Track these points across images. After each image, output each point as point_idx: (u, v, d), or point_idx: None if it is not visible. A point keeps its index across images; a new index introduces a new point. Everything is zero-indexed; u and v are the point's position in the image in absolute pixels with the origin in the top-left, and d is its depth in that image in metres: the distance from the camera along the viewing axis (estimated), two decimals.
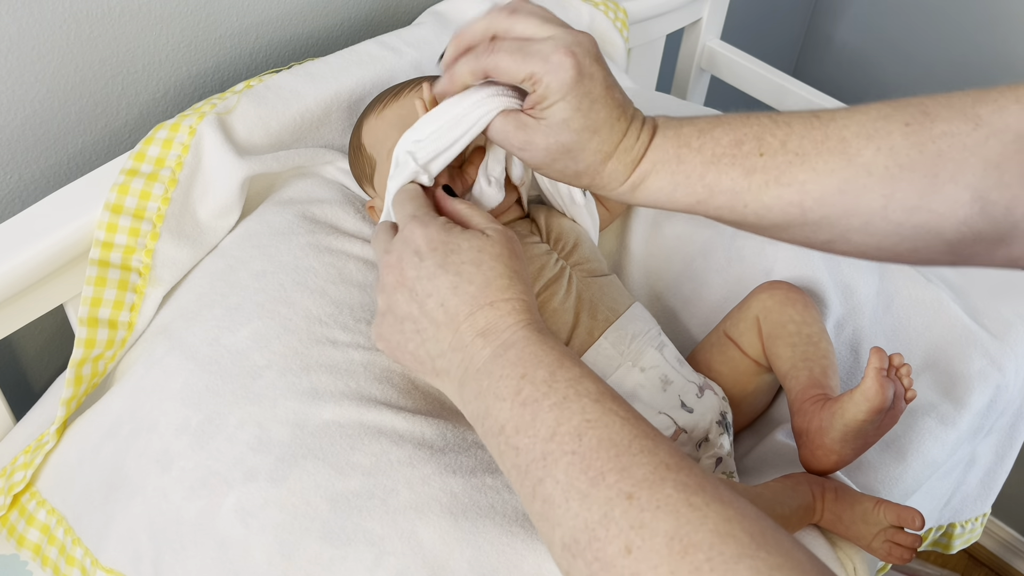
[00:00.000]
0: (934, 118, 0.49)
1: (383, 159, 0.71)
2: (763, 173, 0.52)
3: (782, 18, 1.62)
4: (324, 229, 0.72)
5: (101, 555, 0.64)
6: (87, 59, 0.75)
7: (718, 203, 0.54)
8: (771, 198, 0.52)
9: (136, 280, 0.70)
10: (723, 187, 0.53)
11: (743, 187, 0.53)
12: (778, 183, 0.52)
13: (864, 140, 0.50)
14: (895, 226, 0.50)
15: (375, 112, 0.72)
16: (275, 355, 0.63)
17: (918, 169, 0.49)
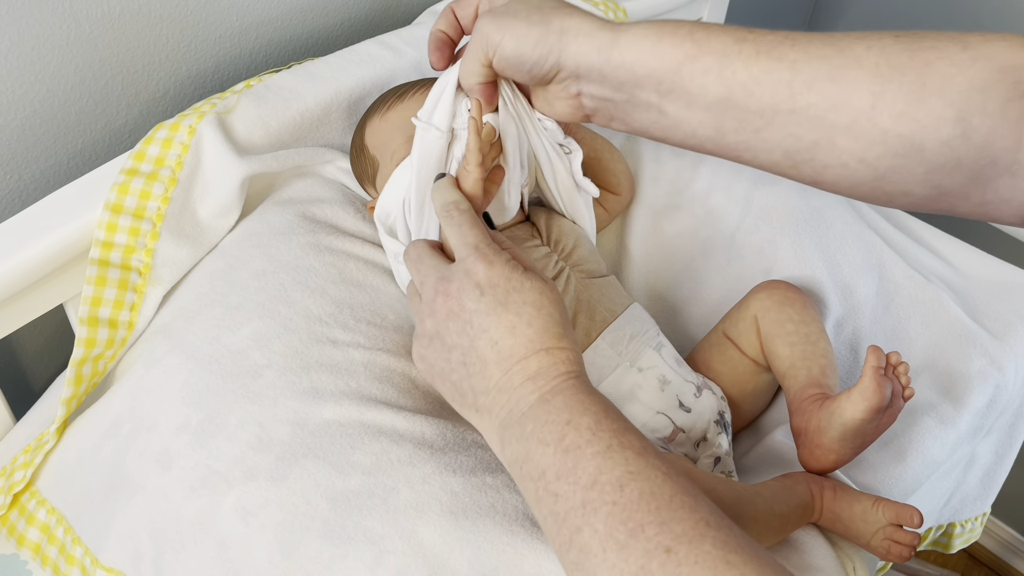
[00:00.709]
0: (923, 36, 0.49)
1: (386, 161, 0.71)
2: (754, 44, 0.51)
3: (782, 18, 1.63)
4: (324, 229, 0.72)
5: (101, 554, 0.64)
6: (87, 59, 0.76)
7: (706, 64, 0.51)
8: (761, 70, 0.50)
9: (136, 279, 0.70)
10: (712, 47, 0.51)
11: (733, 52, 0.51)
12: (769, 56, 0.50)
13: (855, 39, 0.50)
14: (881, 132, 0.49)
15: (379, 113, 0.72)
16: (275, 354, 0.63)
17: (907, 73, 0.48)
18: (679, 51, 0.52)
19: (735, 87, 0.51)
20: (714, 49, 0.51)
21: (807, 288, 0.78)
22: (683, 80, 0.53)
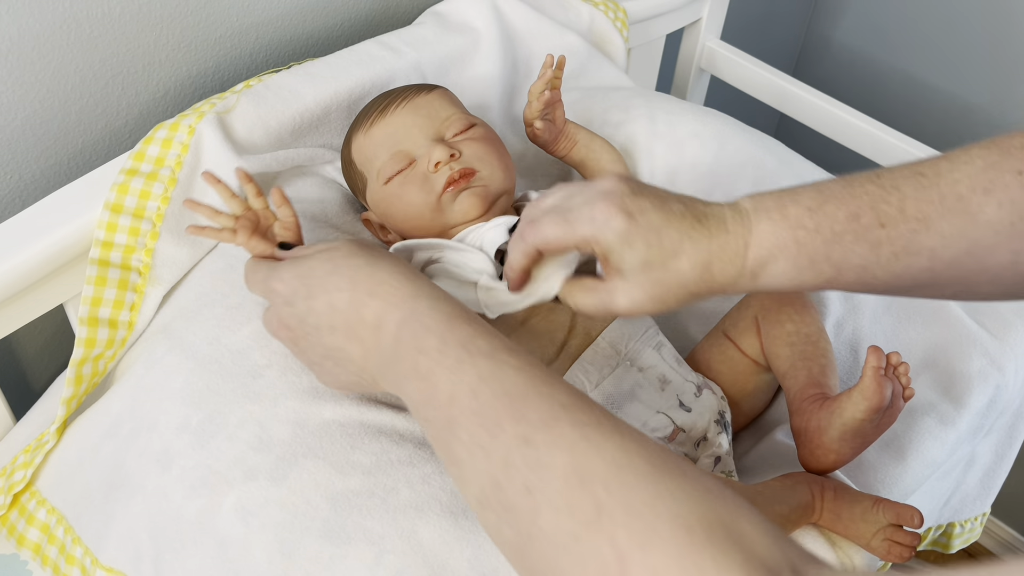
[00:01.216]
0: None
1: (373, 178, 0.71)
2: (890, 245, 0.51)
3: (782, 18, 1.62)
4: (323, 228, 0.72)
5: (101, 554, 0.64)
6: (87, 59, 0.76)
7: (847, 280, 0.52)
8: (902, 268, 0.51)
9: (136, 279, 0.70)
10: (851, 264, 0.51)
11: (872, 261, 0.51)
12: (907, 253, 0.51)
13: (982, 195, 0.49)
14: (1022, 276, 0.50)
15: (363, 129, 0.72)
16: (275, 354, 0.63)
17: None
18: (821, 278, 0.52)
19: (878, 286, 0.53)
20: (853, 266, 0.51)
21: None
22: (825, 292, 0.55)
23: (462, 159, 0.68)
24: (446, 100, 0.73)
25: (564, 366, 0.64)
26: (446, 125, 0.70)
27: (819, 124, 1.16)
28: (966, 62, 1.48)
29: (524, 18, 0.93)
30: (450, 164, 0.67)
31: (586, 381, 0.64)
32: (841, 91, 1.54)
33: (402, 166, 0.69)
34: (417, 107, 0.71)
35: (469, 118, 0.71)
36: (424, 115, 0.70)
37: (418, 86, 0.73)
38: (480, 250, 0.66)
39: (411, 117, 0.70)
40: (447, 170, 0.67)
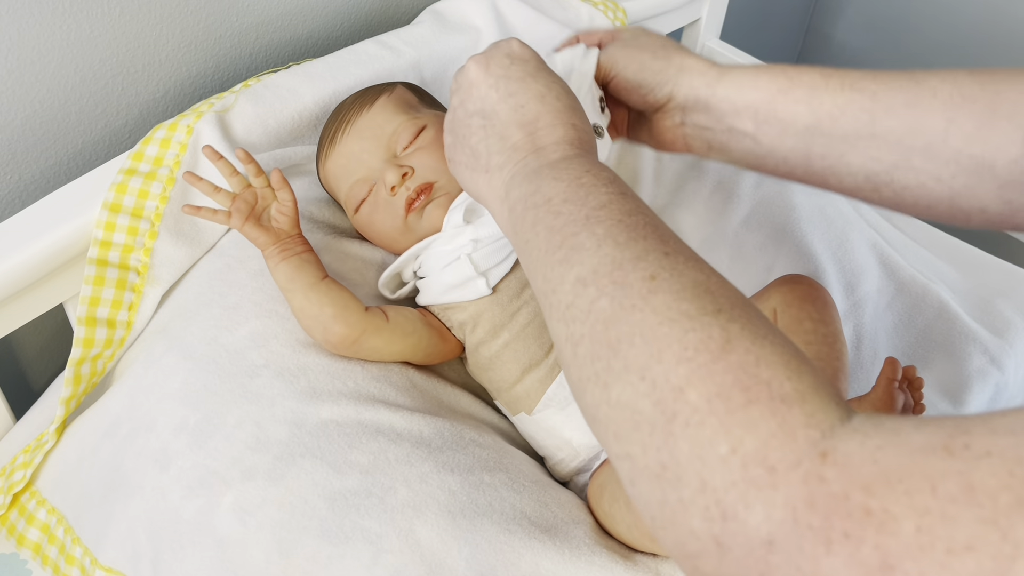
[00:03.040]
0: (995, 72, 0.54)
1: (343, 202, 0.71)
2: (839, 79, 0.57)
3: (782, 18, 1.62)
4: (322, 228, 0.72)
5: (100, 554, 0.64)
6: (87, 59, 0.76)
7: (797, 95, 0.58)
8: (845, 100, 0.57)
9: (134, 279, 0.70)
10: (803, 81, 0.58)
11: (821, 85, 0.57)
12: (852, 88, 0.57)
13: (930, 74, 0.55)
14: (954, 152, 0.53)
15: (321, 161, 0.72)
16: (273, 354, 0.63)
17: (978, 101, 0.53)
18: (774, 84, 0.59)
19: (822, 115, 0.57)
20: (804, 83, 0.58)
21: None
22: (777, 109, 0.59)
23: (416, 175, 0.67)
24: (389, 109, 0.70)
25: (554, 370, 0.64)
26: (395, 139, 0.68)
27: None
28: (966, 60, 1.48)
29: (523, 17, 0.93)
30: (405, 184, 0.66)
31: None
32: None
33: (364, 194, 0.68)
34: (360, 130, 0.69)
35: (416, 122, 0.69)
36: (369, 136, 0.69)
37: (361, 99, 0.71)
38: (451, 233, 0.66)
39: (357, 143, 0.69)
40: (404, 191, 0.66)
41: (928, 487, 0.28)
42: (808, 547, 0.30)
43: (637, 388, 0.37)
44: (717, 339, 0.37)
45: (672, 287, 0.39)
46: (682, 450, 0.35)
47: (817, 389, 0.35)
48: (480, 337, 0.66)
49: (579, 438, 0.64)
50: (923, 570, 0.27)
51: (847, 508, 0.29)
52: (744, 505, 0.32)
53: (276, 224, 0.64)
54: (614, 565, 0.56)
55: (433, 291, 0.67)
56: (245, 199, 0.64)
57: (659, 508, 0.36)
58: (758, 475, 0.32)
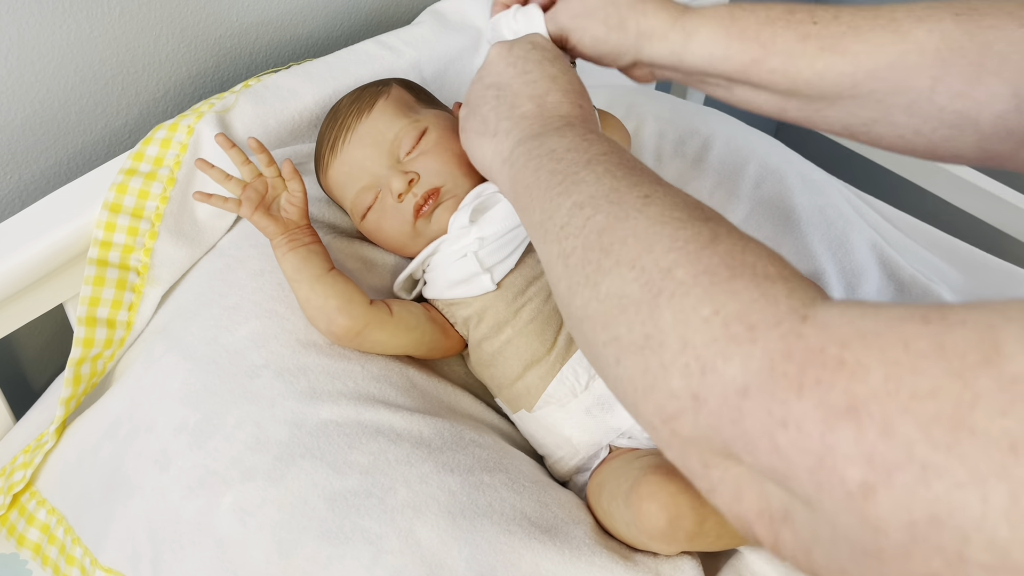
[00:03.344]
0: (983, 13, 0.51)
1: (348, 209, 0.71)
2: (817, 40, 0.54)
3: None
4: (322, 228, 0.72)
5: (100, 555, 0.64)
6: (87, 59, 0.76)
7: (772, 65, 0.55)
8: (824, 65, 0.54)
9: (134, 279, 0.70)
10: (778, 48, 0.55)
11: (798, 51, 0.55)
12: (832, 51, 0.54)
13: (915, 21, 0.52)
14: (938, 110, 0.52)
15: (322, 170, 0.72)
16: (273, 354, 0.63)
17: (967, 55, 0.51)
18: (746, 55, 0.56)
19: (800, 83, 0.55)
20: (780, 51, 0.55)
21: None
22: (751, 78, 0.57)
23: (422, 180, 0.66)
24: (389, 113, 0.69)
25: (555, 367, 0.64)
26: (397, 144, 0.68)
27: None
28: None
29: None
30: (412, 191, 0.66)
31: (576, 382, 0.64)
32: None
33: (370, 202, 0.68)
34: (362, 137, 0.68)
35: (417, 125, 0.68)
36: (371, 143, 0.68)
37: (359, 104, 0.70)
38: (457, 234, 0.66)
39: (359, 150, 0.68)
40: (411, 197, 0.66)
41: (901, 344, 0.29)
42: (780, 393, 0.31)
43: (626, 277, 0.39)
44: (706, 234, 0.38)
45: (665, 201, 0.41)
46: (666, 318, 0.36)
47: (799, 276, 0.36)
48: (484, 333, 0.66)
49: (579, 436, 0.64)
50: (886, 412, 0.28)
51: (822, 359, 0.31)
52: (723, 358, 0.34)
53: (285, 214, 0.65)
54: (614, 565, 0.56)
55: (439, 286, 0.67)
56: (256, 188, 0.64)
57: (641, 377, 0.37)
58: (738, 332, 0.34)
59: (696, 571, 0.58)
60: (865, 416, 0.29)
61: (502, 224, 0.64)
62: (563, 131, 0.50)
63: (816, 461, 0.30)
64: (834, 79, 0.54)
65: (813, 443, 0.30)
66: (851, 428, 0.29)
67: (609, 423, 0.63)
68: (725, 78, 0.58)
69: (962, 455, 0.26)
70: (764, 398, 0.32)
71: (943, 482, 0.27)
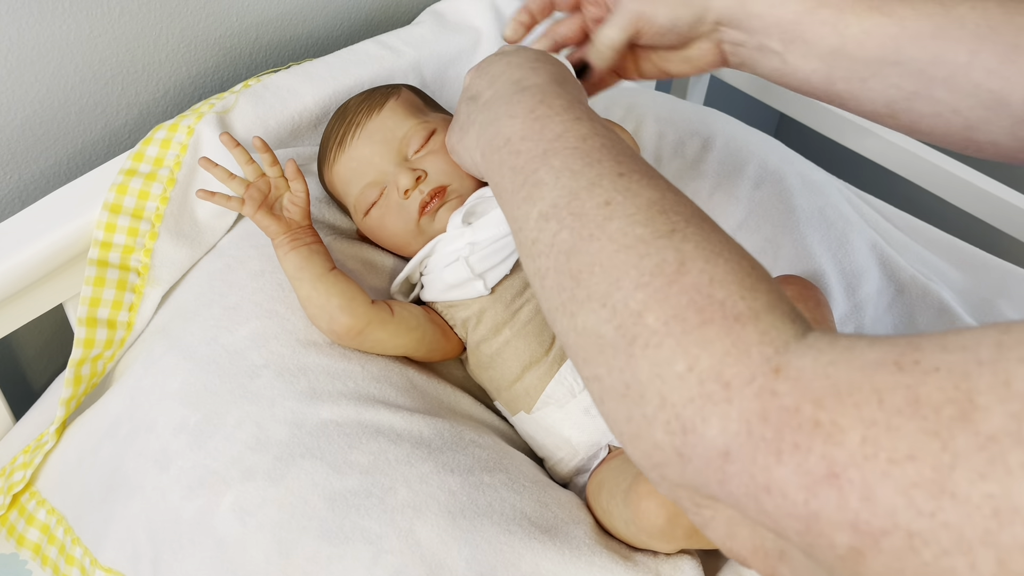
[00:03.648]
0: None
1: (352, 209, 0.71)
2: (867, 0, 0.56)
3: None
4: (322, 229, 0.72)
5: (100, 554, 0.64)
6: (87, 59, 0.76)
7: (823, 16, 0.57)
8: (872, 24, 0.56)
9: (135, 280, 0.70)
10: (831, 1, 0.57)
11: (848, 6, 0.57)
12: (880, 12, 0.56)
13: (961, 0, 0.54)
14: (974, 86, 0.53)
15: (327, 164, 0.72)
16: (273, 355, 0.63)
17: (1004, 34, 0.52)
18: (801, 5, 0.58)
19: (848, 39, 0.57)
20: (832, 3, 0.57)
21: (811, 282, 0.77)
22: (803, 30, 0.58)
23: (429, 178, 0.67)
24: (399, 113, 0.70)
25: (553, 368, 0.64)
26: (405, 143, 0.68)
27: (819, 124, 1.16)
28: None
29: None
30: (419, 188, 0.67)
31: (574, 383, 0.64)
32: None
33: (375, 197, 0.68)
34: (371, 133, 0.69)
35: (427, 125, 0.69)
36: (380, 140, 0.69)
37: (369, 102, 0.71)
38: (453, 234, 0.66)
39: (368, 147, 0.69)
40: (417, 194, 0.66)
41: (876, 400, 0.29)
42: (761, 458, 0.31)
43: (599, 315, 0.39)
44: (671, 262, 0.38)
45: (626, 211, 0.40)
46: (643, 370, 0.36)
47: (772, 307, 0.36)
48: (482, 334, 0.66)
49: (578, 436, 0.64)
50: (866, 478, 0.28)
51: (798, 420, 0.30)
52: (701, 419, 0.34)
53: (287, 214, 0.65)
54: (614, 565, 0.56)
55: (435, 289, 0.67)
56: (259, 187, 0.65)
57: (626, 424, 0.37)
58: (714, 391, 0.34)
59: (696, 571, 0.58)
60: (846, 482, 0.28)
61: (494, 231, 0.64)
62: (512, 105, 0.49)
63: (804, 526, 0.30)
64: (880, 40, 0.55)
65: (798, 509, 0.30)
66: (833, 495, 0.29)
67: None
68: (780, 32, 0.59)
69: (946, 522, 0.26)
70: (746, 463, 0.32)
71: (930, 549, 0.27)
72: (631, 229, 0.40)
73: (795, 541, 0.31)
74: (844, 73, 0.58)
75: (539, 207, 0.43)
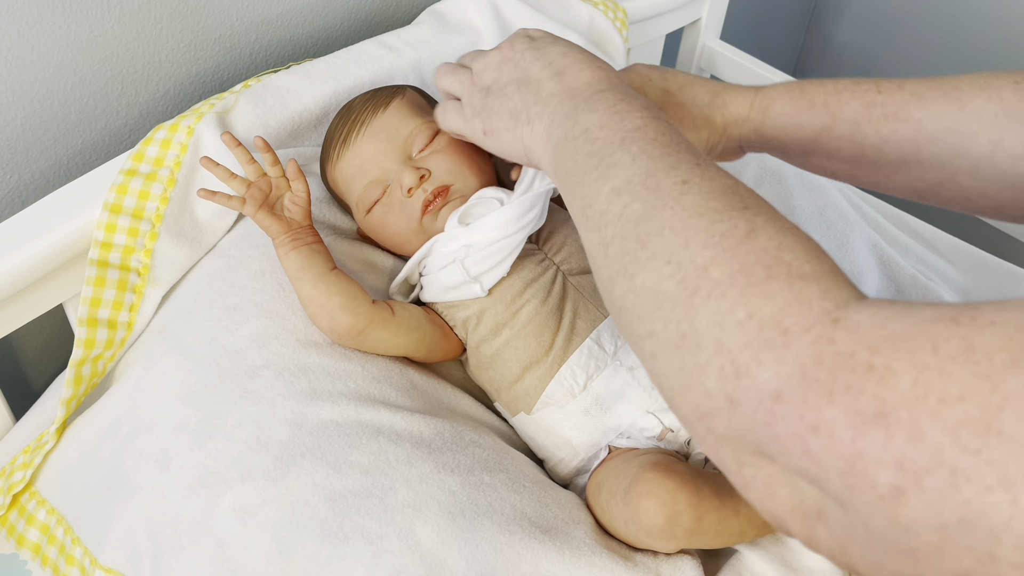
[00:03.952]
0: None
1: (354, 207, 0.71)
2: (882, 108, 0.57)
3: (782, 18, 1.62)
4: (323, 229, 0.72)
5: (100, 554, 0.64)
6: (87, 59, 0.76)
7: (840, 132, 0.58)
8: (889, 131, 0.57)
9: (135, 280, 0.70)
10: (845, 116, 0.58)
11: (864, 118, 0.57)
12: (896, 118, 0.57)
13: (976, 90, 0.55)
14: (1000, 173, 0.54)
15: (331, 161, 0.71)
16: (273, 355, 0.63)
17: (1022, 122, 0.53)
18: (817, 122, 0.60)
19: (866, 148, 0.58)
20: (847, 118, 0.58)
21: None
22: (821, 145, 0.60)
23: (433, 177, 0.67)
24: (404, 112, 0.70)
25: (553, 368, 0.64)
26: (410, 142, 0.68)
27: None
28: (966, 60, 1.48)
29: (523, 17, 0.93)
30: (422, 186, 0.66)
31: (574, 383, 0.64)
32: None
33: (377, 195, 0.68)
34: (376, 131, 0.69)
35: (432, 125, 0.68)
36: (385, 138, 0.68)
37: (374, 101, 0.71)
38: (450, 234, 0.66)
39: (372, 144, 0.68)
40: (420, 193, 0.66)
41: (930, 347, 0.30)
42: (812, 398, 0.32)
43: (662, 271, 0.39)
44: (743, 228, 0.39)
45: (702, 189, 0.41)
46: (702, 319, 0.37)
47: (835, 274, 0.37)
48: (482, 335, 0.66)
49: (578, 436, 0.64)
50: (915, 417, 0.29)
51: (852, 364, 0.31)
52: (756, 363, 0.34)
53: (288, 214, 0.65)
54: (614, 566, 0.56)
55: (433, 290, 0.67)
56: (260, 187, 0.65)
57: (677, 375, 0.38)
58: (772, 336, 0.34)
59: (696, 571, 0.58)
60: (894, 421, 0.29)
61: (491, 234, 0.64)
62: (592, 102, 0.50)
63: (847, 466, 0.30)
64: (898, 144, 0.57)
65: (844, 448, 0.30)
66: (881, 434, 0.29)
67: (607, 423, 0.63)
68: (800, 147, 0.61)
69: (991, 459, 0.27)
70: (796, 403, 0.32)
71: (973, 486, 0.27)
72: (705, 202, 0.41)
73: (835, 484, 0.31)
74: (867, 172, 0.60)
75: (612, 183, 0.44)
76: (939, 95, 0.56)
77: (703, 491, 0.56)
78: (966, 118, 0.55)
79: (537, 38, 0.58)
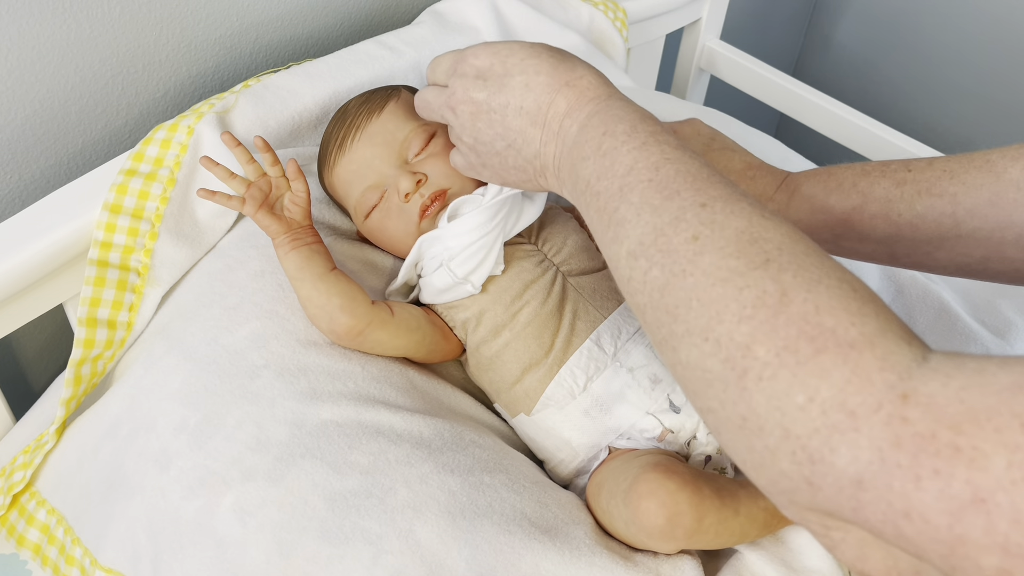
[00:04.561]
0: None
1: (352, 212, 0.71)
2: (914, 184, 0.55)
3: (782, 18, 1.62)
4: (323, 230, 0.72)
5: (100, 555, 0.64)
6: (87, 59, 0.76)
7: (872, 211, 0.56)
8: (924, 207, 0.55)
9: (135, 280, 0.70)
10: (876, 195, 0.56)
11: (895, 196, 0.55)
12: (929, 193, 0.55)
13: (1010, 161, 0.53)
14: None
15: (327, 167, 0.71)
16: (273, 355, 0.63)
17: None
18: (847, 203, 0.58)
19: (902, 226, 0.56)
20: (878, 197, 0.56)
21: None
22: (853, 226, 0.58)
23: (430, 182, 0.66)
24: (400, 115, 0.69)
25: (553, 369, 0.64)
26: (406, 146, 0.68)
27: (819, 124, 1.16)
28: (966, 61, 1.48)
29: (523, 18, 0.93)
30: (419, 191, 0.66)
31: (574, 384, 0.64)
32: (841, 91, 1.54)
33: (375, 200, 0.68)
34: (372, 136, 0.68)
35: (427, 128, 0.68)
36: (381, 143, 0.68)
37: (369, 105, 0.71)
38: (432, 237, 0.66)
39: (368, 149, 0.68)
40: (418, 198, 0.66)
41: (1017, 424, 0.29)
42: (898, 484, 0.31)
43: (702, 349, 0.38)
44: (772, 293, 0.37)
45: (716, 244, 0.40)
46: (759, 403, 0.35)
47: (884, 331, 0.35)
48: (482, 336, 0.66)
49: (578, 438, 0.64)
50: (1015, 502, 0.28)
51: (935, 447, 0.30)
52: (829, 449, 0.33)
53: (288, 214, 0.65)
54: (614, 566, 0.56)
55: (430, 292, 0.67)
56: (260, 187, 0.65)
57: (747, 454, 0.37)
58: (839, 420, 0.33)
59: (696, 571, 0.58)
60: (993, 507, 0.28)
61: (465, 237, 0.64)
62: (580, 146, 0.49)
63: (948, 549, 0.30)
64: (935, 219, 0.55)
65: (942, 534, 0.30)
66: (980, 520, 0.29)
67: (607, 424, 0.63)
68: (828, 230, 0.59)
69: None
70: (881, 489, 0.31)
71: None
72: (724, 262, 0.39)
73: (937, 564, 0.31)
74: (906, 250, 0.57)
75: (626, 246, 0.43)
76: (971, 168, 0.54)
77: (703, 492, 0.56)
78: (1004, 188, 0.53)
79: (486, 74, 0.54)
